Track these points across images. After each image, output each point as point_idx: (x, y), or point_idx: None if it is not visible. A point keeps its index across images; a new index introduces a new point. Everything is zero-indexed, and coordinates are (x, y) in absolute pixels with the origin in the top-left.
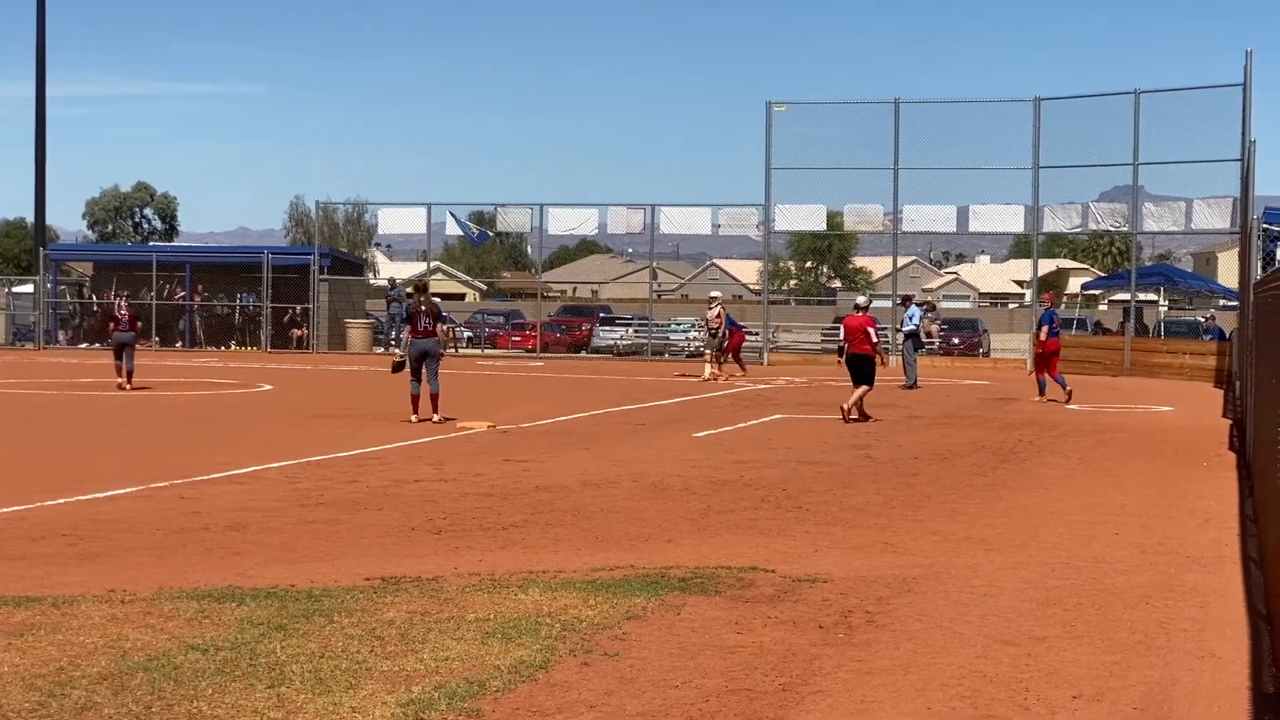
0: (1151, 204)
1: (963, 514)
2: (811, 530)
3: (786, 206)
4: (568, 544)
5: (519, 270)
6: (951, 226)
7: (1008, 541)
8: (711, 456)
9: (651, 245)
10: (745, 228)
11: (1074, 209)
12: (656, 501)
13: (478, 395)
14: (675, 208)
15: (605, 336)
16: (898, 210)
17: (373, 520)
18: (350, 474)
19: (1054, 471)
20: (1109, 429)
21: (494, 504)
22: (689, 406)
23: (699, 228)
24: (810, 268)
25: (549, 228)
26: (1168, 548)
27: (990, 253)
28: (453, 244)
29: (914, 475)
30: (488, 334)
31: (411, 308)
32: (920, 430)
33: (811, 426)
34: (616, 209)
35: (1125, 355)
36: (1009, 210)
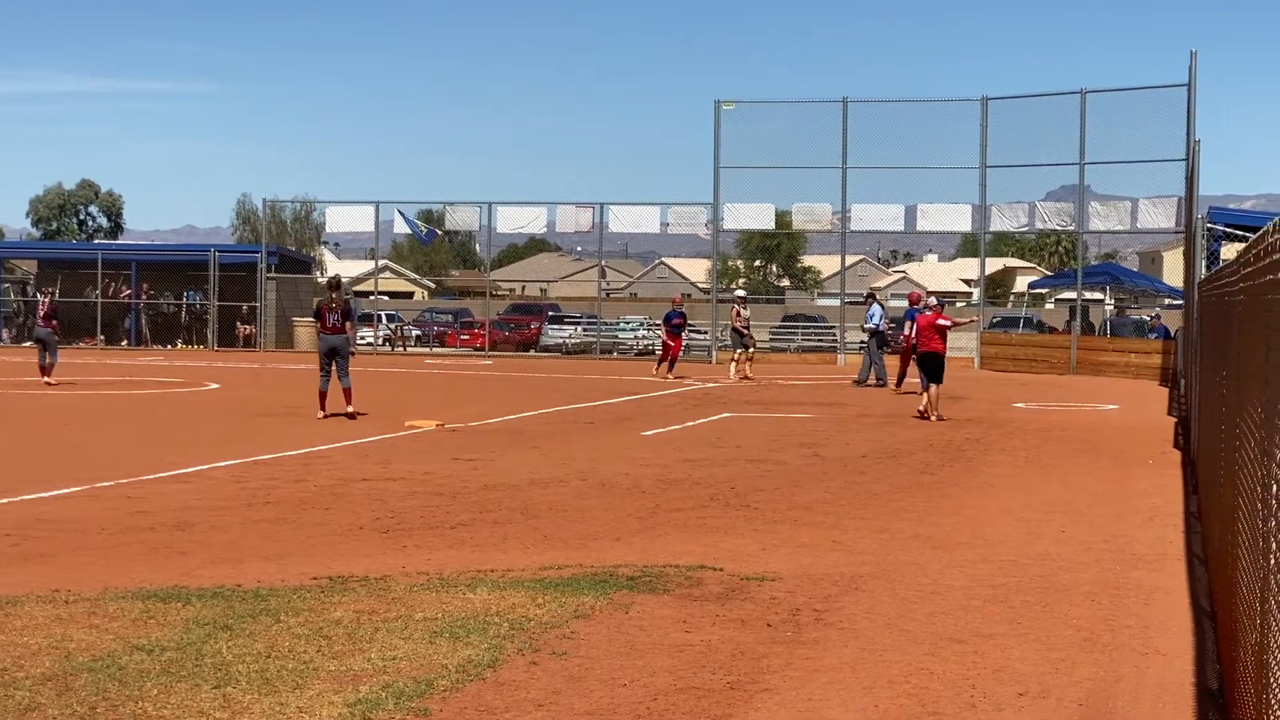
0: (1098, 203)
1: (910, 512)
2: (760, 529)
3: (735, 205)
4: (516, 542)
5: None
6: (899, 225)
7: (955, 539)
8: (660, 455)
9: (600, 244)
10: (694, 226)
11: (1021, 208)
12: (605, 500)
13: (426, 394)
14: (624, 206)
15: (554, 335)
16: (846, 209)
17: (320, 519)
18: (297, 473)
19: (1001, 469)
20: (1055, 427)
21: (442, 503)
22: (638, 405)
23: (648, 226)
24: (759, 266)
25: (497, 226)
26: (1113, 545)
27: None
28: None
29: (862, 474)
30: (436, 332)
31: (321, 304)
32: (868, 429)
33: (760, 425)
34: (565, 207)
35: (1072, 354)
36: (957, 209)
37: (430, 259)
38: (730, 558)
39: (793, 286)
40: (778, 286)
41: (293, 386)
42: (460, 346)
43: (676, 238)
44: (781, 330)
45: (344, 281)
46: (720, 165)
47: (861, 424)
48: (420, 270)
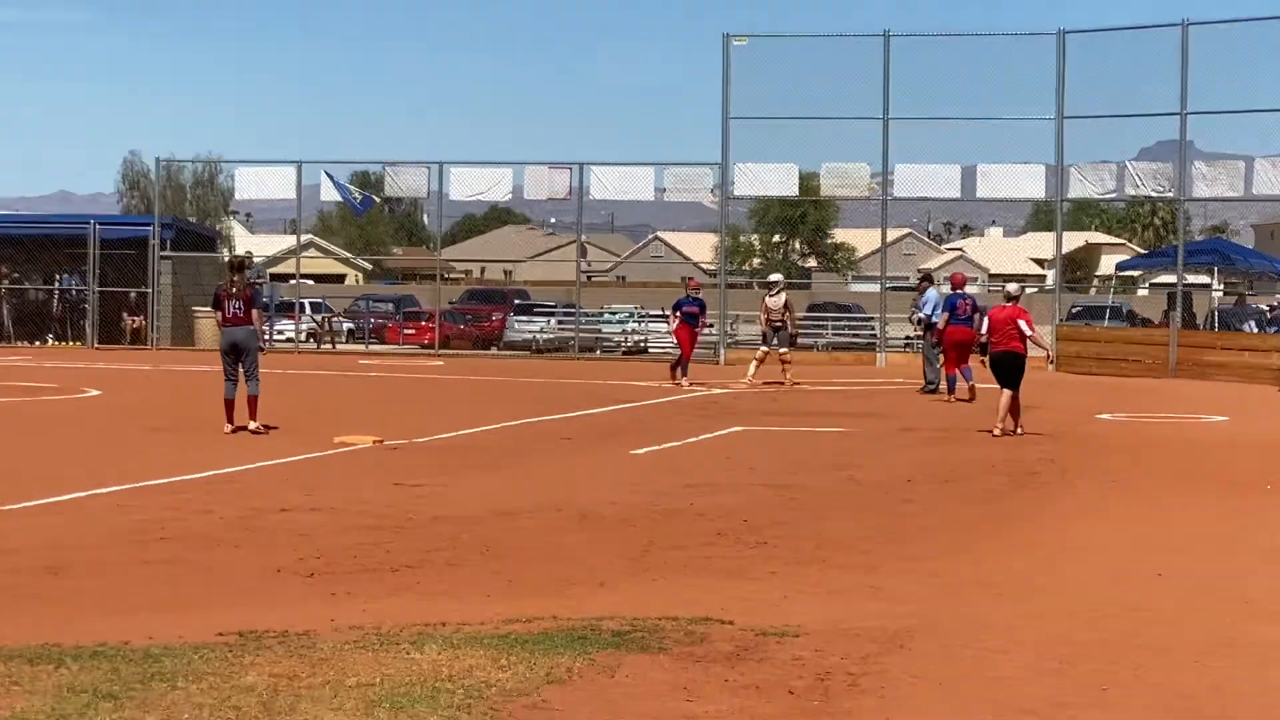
0: (1203, 164)
1: (968, 550)
2: (779, 571)
3: (748, 166)
4: (474, 589)
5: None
6: (955, 192)
7: (1024, 584)
8: (655, 479)
9: (580, 214)
10: (697, 193)
11: (1107, 170)
12: (586, 535)
13: (361, 402)
14: (610, 167)
15: (521, 329)
16: (888, 171)
17: (228, 560)
18: (200, 501)
19: (1082, 497)
20: (1150, 444)
21: (382, 539)
22: (627, 416)
23: (639, 193)
24: (779, 243)
25: (450, 192)
26: (1224, 592)
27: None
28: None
29: (907, 502)
30: (374, 325)
31: (220, 289)
32: (916, 446)
33: (780, 441)
34: (535, 169)
35: (1170, 352)
36: (1026, 171)
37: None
38: (743, 608)
39: (821, 268)
40: (802, 268)
41: (193, 393)
42: (404, 343)
43: (675, 207)
44: (807, 323)
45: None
46: (730, 116)
47: (907, 440)
48: (354, 248)
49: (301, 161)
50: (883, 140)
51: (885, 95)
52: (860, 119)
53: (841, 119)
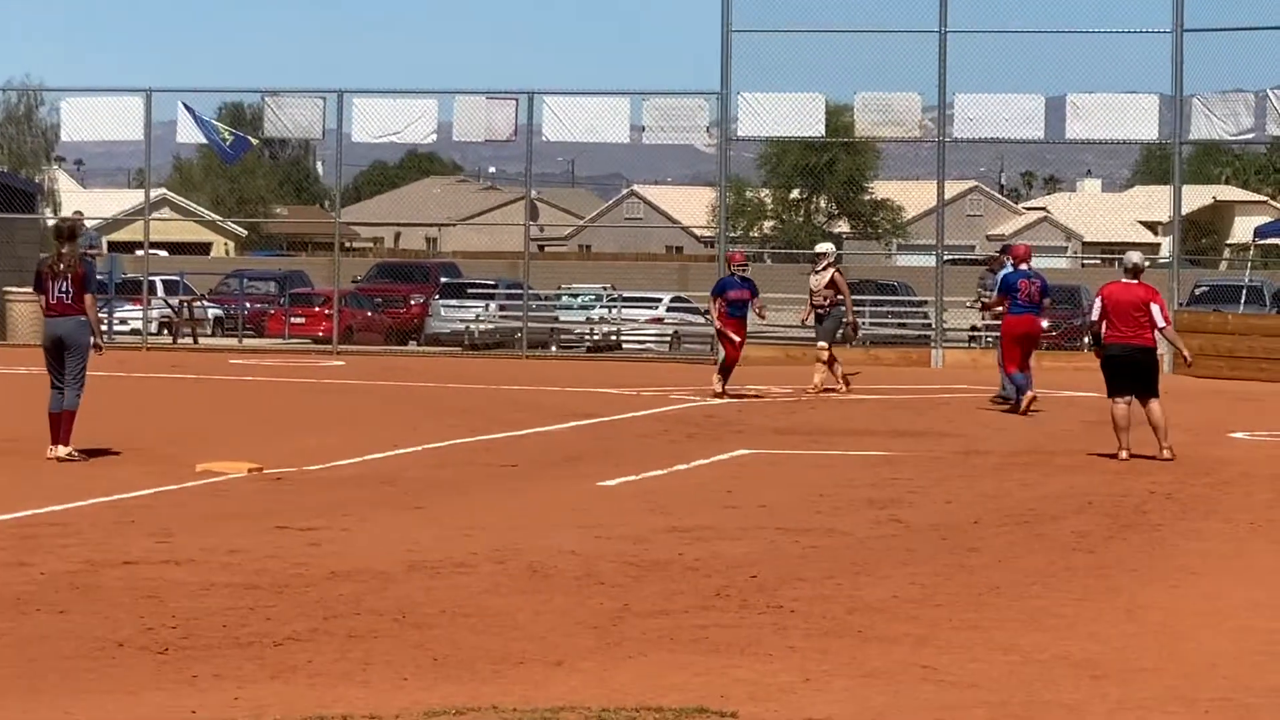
0: None
1: (1054, 616)
2: (800, 646)
3: (757, 96)
4: (385, 669)
5: (302, 204)
6: (1037, 131)
7: (1130, 663)
8: (631, 520)
9: (529, 162)
10: (688, 132)
11: (1242, 101)
12: (537, 598)
13: (233, 416)
14: (569, 98)
15: (451, 317)
16: (946, 103)
17: (51, 629)
18: (13, 552)
19: (1209, 544)
20: None
21: (260, 602)
22: (594, 435)
23: (609, 132)
24: (799, 201)
25: (353, 132)
26: None
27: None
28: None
29: (972, 551)
30: (250, 312)
31: (43, 266)
32: (985, 475)
33: (799, 470)
34: (469, 99)
35: None
36: (1133, 103)
37: (240, 188)
38: (751, 694)
39: (856, 234)
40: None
41: (5, 402)
42: (291, 335)
43: (658, 151)
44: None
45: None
46: (732, 28)
47: (972, 468)
48: (223, 207)
49: (151, 90)
50: (939, 62)
51: (942, 1)
52: (909, 32)
53: (884, 32)
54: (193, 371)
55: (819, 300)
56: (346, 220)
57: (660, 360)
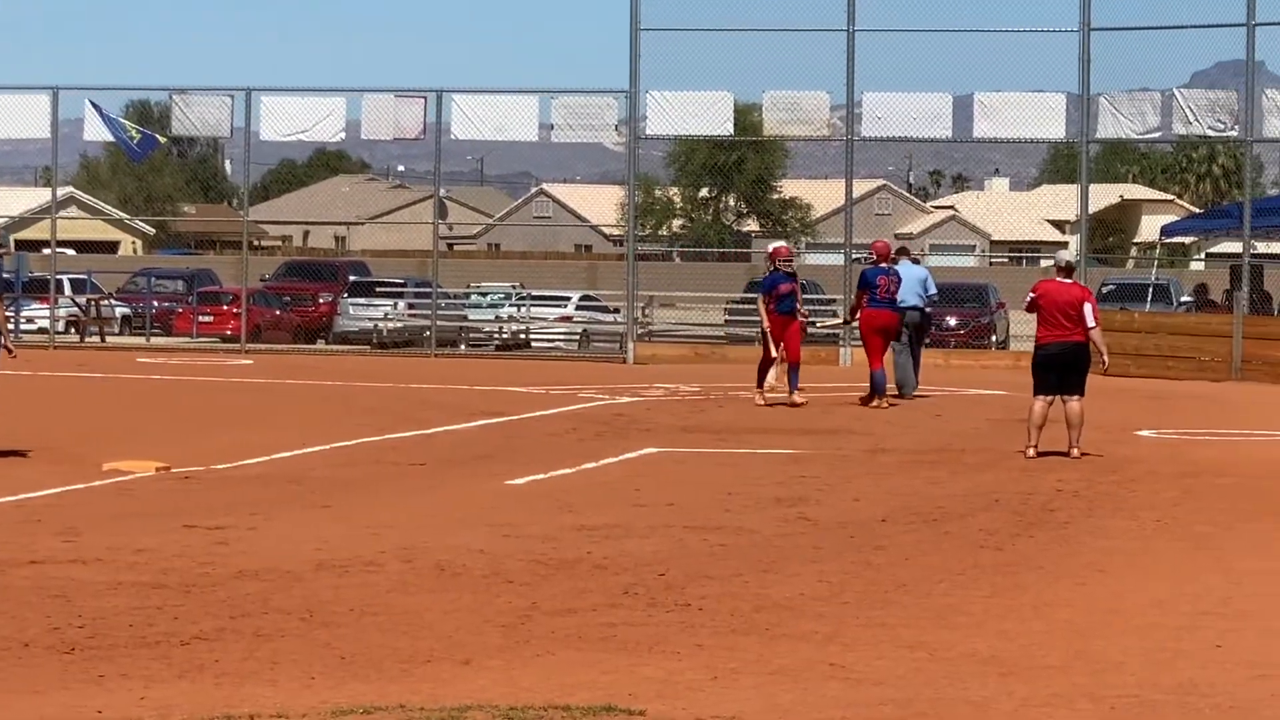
0: (1277, 92)
1: (962, 614)
2: (708, 644)
3: (666, 95)
4: (293, 668)
5: (210, 203)
6: (945, 129)
7: (1037, 660)
8: (539, 519)
9: (437, 161)
10: (597, 131)
11: (1149, 100)
12: (445, 596)
13: (141, 416)
14: (478, 96)
15: (359, 315)
16: (854, 101)
17: None
18: None
19: (1114, 543)
20: (1206, 471)
21: (167, 601)
22: (502, 434)
23: (518, 131)
24: (708, 199)
25: (261, 130)
26: None
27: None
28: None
29: (880, 549)
30: (157, 311)
31: None
32: (892, 473)
33: (708, 468)
34: (377, 98)
35: (1234, 346)
36: (1041, 102)
37: (147, 186)
38: (659, 692)
39: (765, 232)
40: (739, 233)
41: None
42: (199, 334)
43: (567, 150)
44: (746, 307)
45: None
46: (640, 27)
47: (879, 466)
48: (130, 205)
49: (58, 88)
50: (847, 61)
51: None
52: (817, 31)
53: (792, 31)
54: (100, 370)
55: None
56: (255, 219)
57: (569, 359)
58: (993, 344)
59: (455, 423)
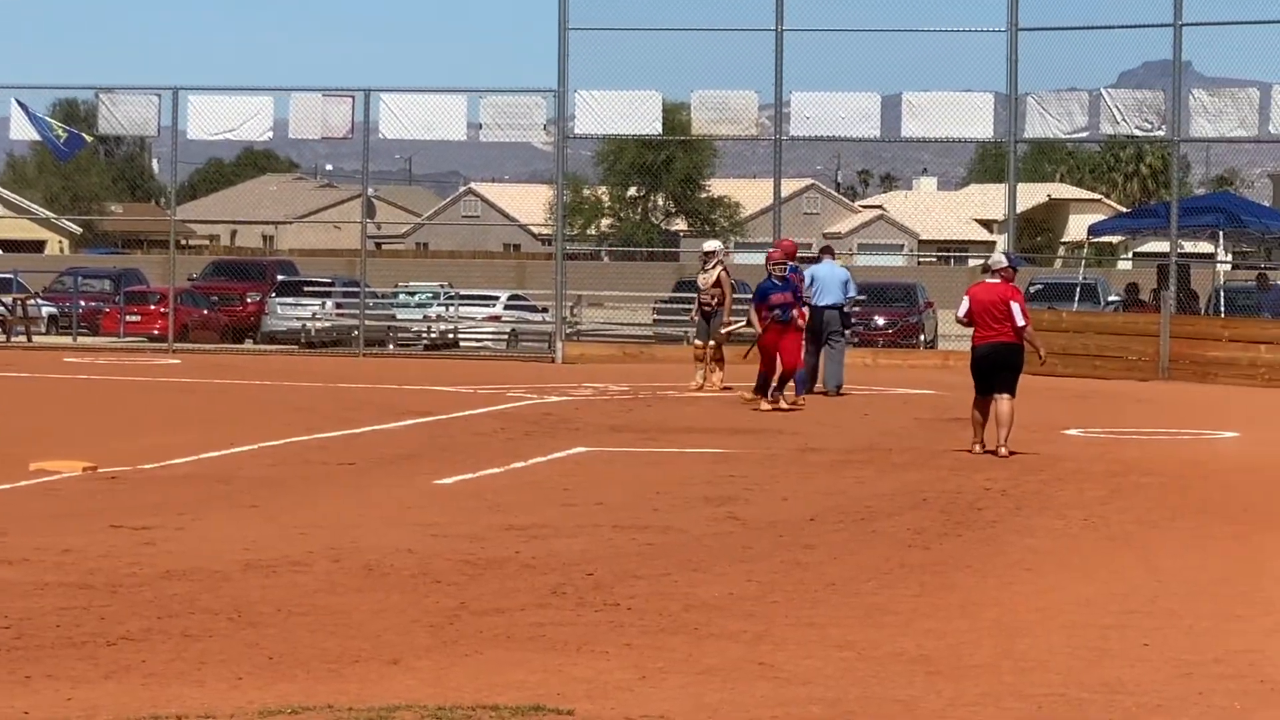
0: (1204, 92)
1: (890, 613)
2: (637, 643)
3: (594, 94)
4: (220, 669)
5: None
6: (873, 129)
7: (965, 659)
8: (467, 518)
9: (366, 160)
10: (525, 130)
11: (1076, 100)
12: (373, 596)
13: (67, 416)
14: (406, 95)
15: (287, 315)
16: (783, 101)
17: None
18: None
19: (1042, 541)
20: (1133, 470)
21: (94, 602)
22: (430, 433)
23: (446, 130)
24: (636, 198)
25: (189, 129)
26: (1230, 666)
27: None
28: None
29: (809, 548)
30: (84, 310)
31: None
32: (821, 473)
33: (637, 468)
34: (305, 97)
35: (1161, 345)
36: (968, 102)
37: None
38: (587, 692)
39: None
40: (667, 232)
41: None
42: (126, 333)
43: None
44: (675, 306)
45: None
46: (569, 26)
47: (808, 465)
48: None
49: None
50: (776, 60)
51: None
52: (746, 31)
53: (721, 30)
54: (26, 370)
55: (707, 298)
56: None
57: (497, 358)
58: (921, 343)
59: (383, 422)
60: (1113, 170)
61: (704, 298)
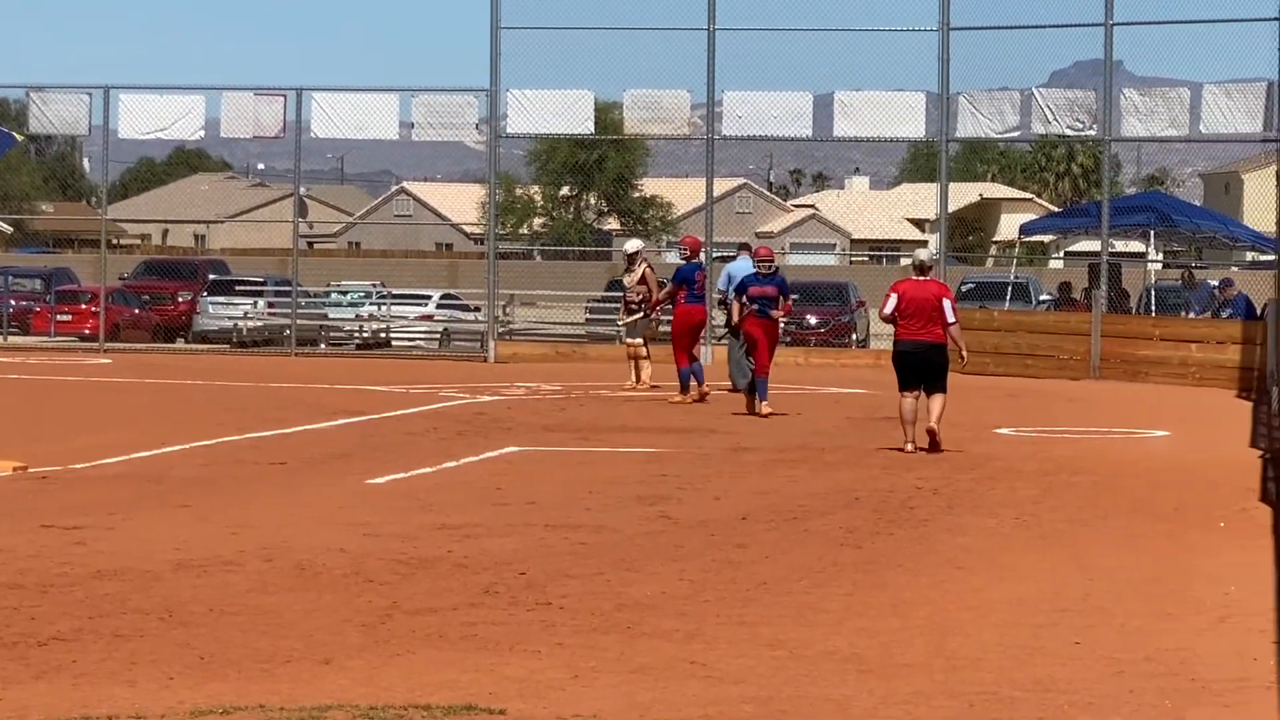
0: (1135, 91)
1: (822, 611)
2: (569, 642)
3: (527, 94)
4: (151, 668)
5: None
6: (806, 129)
7: (897, 658)
8: (399, 518)
9: (297, 159)
10: (457, 130)
11: (1008, 100)
12: (305, 595)
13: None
14: (338, 94)
15: (219, 314)
16: (715, 100)
17: None
18: None
19: (974, 539)
20: (1065, 469)
21: (24, 602)
22: (362, 433)
23: (378, 130)
24: (569, 198)
25: (120, 128)
26: (1160, 665)
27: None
28: None
29: (741, 548)
30: (15, 309)
31: None
32: (753, 472)
33: (569, 467)
34: (237, 96)
35: (1093, 344)
36: (900, 101)
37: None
38: (519, 691)
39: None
40: (599, 231)
41: None
42: (58, 332)
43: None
44: (607, 305)
45: None
46: (501, 25)
47: (740, 464)
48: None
49: None
50: (708, 59)
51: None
52: (678, 30)
53: (653, 30)
54: None
55: (633, 297)
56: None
57: (430, 357)
58: (853, 342)
59: (315, 422)
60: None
61: (630, 296)
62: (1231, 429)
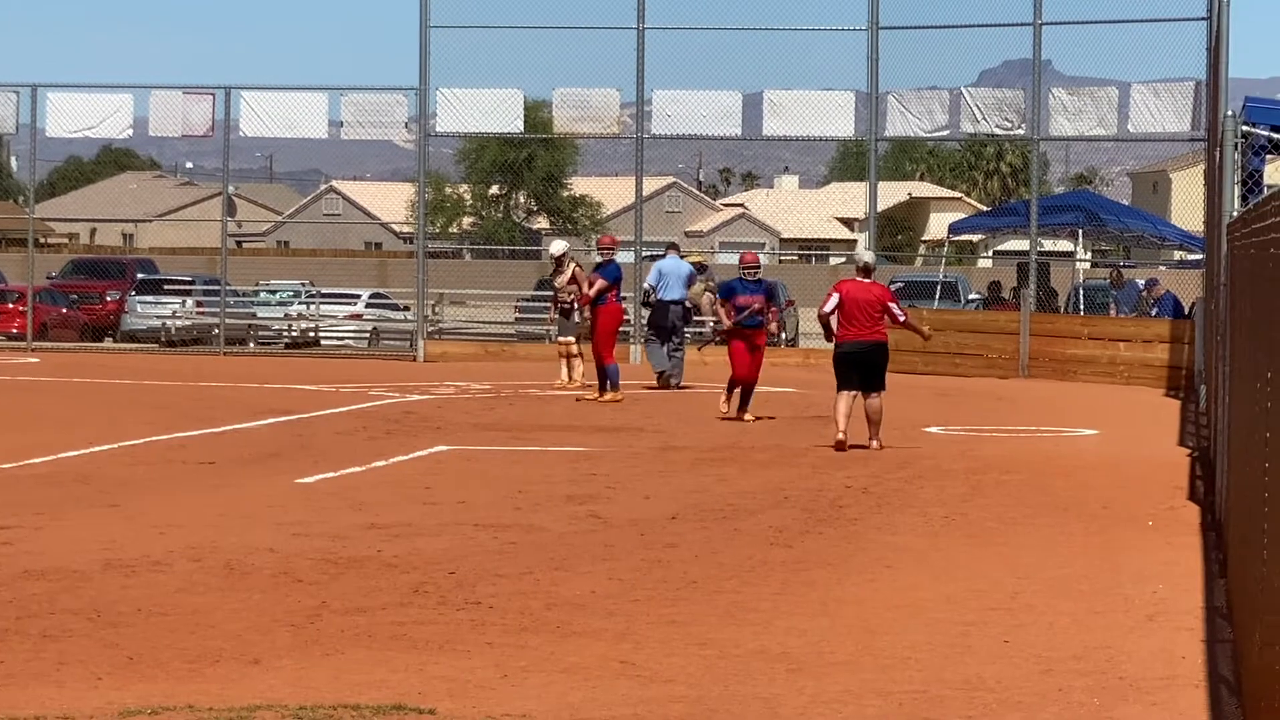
0: (1063, 91)
1: (752, 611)
2: (498, 641)
3: (456, 92)
4: (79, 669)
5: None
6: (735, 128)
7: (826, 657)
8: (328, 517)
9: (226, 157)
10: (386, 128)
11: (937, 99)
12: (234, 595)
13: None
14: (267, 93)
15: (147, 313)
16: (644, 99)
17: None
18: None
19: (903, 538)
20: (993, 467)
21: None
22: (292, 432)
23: (307, 128)
24: (498, 197)
25: (47, 127)
26: (1088, 663)
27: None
28: None
29: (671, 546)
30: None
31: None
32: (683, 471)
33: (499, 466)
34: (165, 95)
35: (1021, 343)
36: (830, 100)
37: None
38: (449, 691)
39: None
40: (529, 230)
41: None
42: None
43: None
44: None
45: None
46: (430, 24)
47: (670, 463)
48: None
49: None
50: (638, 58)
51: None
52: (607, 29)
53: (582, 29)
54: None
55: (564, 297)
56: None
57: (359, 356)
58: (782, 342)
59: (244, 421)
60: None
61: (562, 295)
62: (1160, 428)
